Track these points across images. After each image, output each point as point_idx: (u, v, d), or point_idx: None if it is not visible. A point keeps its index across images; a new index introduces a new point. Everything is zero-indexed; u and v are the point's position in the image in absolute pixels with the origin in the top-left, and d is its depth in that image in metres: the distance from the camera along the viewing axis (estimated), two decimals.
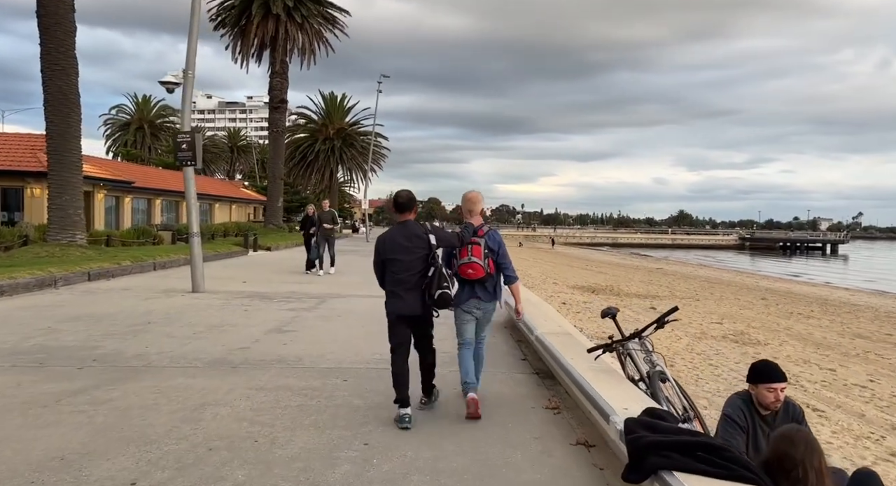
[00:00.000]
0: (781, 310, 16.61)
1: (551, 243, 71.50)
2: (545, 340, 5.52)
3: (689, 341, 11.36)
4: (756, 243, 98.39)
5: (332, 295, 11.04)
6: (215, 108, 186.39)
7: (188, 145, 10.27)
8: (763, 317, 15.09)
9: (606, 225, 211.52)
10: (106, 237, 19.27)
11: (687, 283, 24.44)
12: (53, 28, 13.55)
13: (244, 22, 29.53)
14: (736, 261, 59.96)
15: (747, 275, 33.15)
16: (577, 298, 17.31)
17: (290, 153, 45.77)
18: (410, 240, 4.26)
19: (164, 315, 8.28)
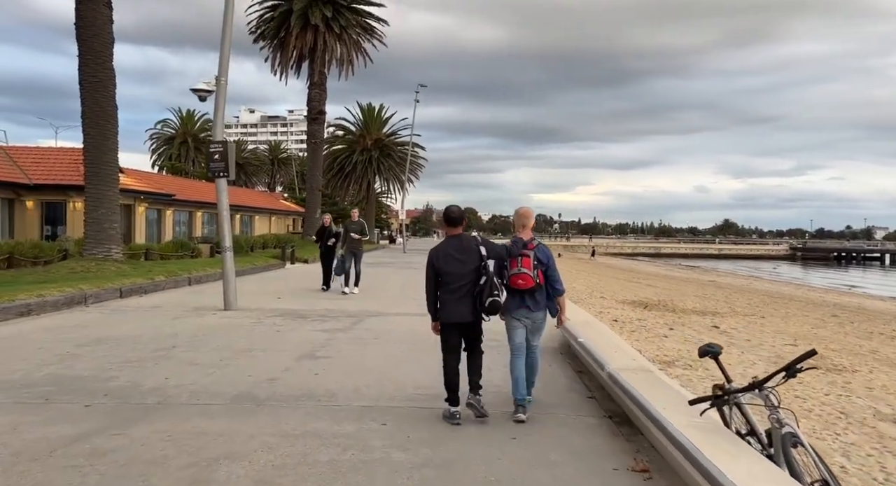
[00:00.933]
0: (859, 329, 15.15)
1: (591, 253, 69.77)
2: (622, 379, 4.63)
3: (765, 366, 10.20)
4: (808, 253, 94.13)
5: (369, 313, 10.35)
6: (258, 122, 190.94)
7: (220, 156, 9.77)
8: (841, 338, 13.72)
9: (647, 234, 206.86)
10: (145, 251, 19.15)
11: (745, 297, 22.93)
12: (91, 40, 13.41)
13: (283, 34, 29.57)
14: (790, 272, 57.19)
15: (808, 288, 31.17)
16: (629, 314, 16.20)
17: (329, 164, 45.80)
18: (463, 252, 4.61)
19: (191, 338, 7.70)
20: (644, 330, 13.59)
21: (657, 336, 12.94)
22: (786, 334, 13.86)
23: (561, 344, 7.98)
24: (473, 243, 4.68)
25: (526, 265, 4.68)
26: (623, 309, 17.16)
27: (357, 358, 6.76)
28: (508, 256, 4.75)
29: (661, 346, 11.74)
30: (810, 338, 13.60)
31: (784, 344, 12.45)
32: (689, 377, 9.42)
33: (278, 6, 29.53)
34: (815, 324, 15.85)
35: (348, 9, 30.48)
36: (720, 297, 22.52)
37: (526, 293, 4.75)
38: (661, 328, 13.95)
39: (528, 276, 4.66)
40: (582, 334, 6.72)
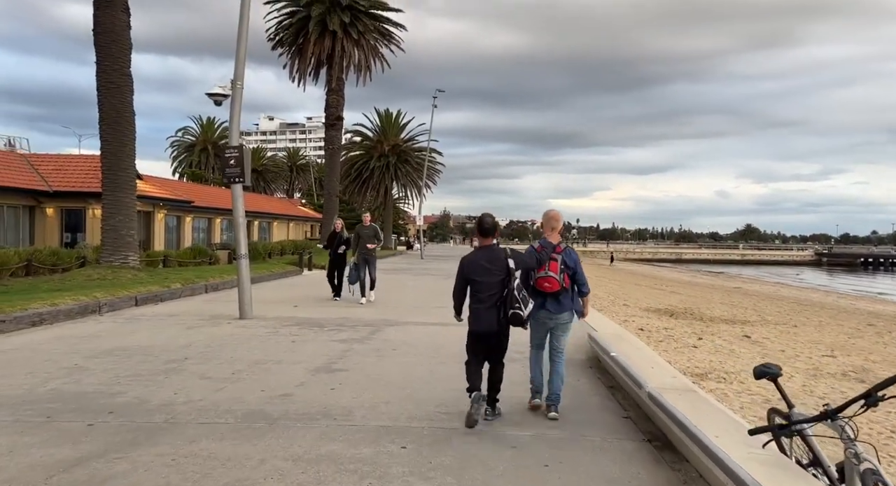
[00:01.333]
0: None
1: (610, 259, 68.85)
2: (666, 402, 4.23)
3: (804, 379, 9.67)
4: (834, 258, 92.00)
5: (387, 322, 10.04)
6: (277, 129, 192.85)
7: (236, 161, 9.55)
8: (881, 349, 13.08)
9: (667, 240, 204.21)
10: (163, 257, 19.09)
11: (774, 305, 22.21)
12: (109, 46, 13.35)
13: (301, 40, 29.56)
14: (816, 279, 55.77)
15: (837, 295, 30.22)
16: (655, 323, 15.68)
17: (346, 170, 45.76)
18: (492, 263, 4.70)
19: (204, 348, 7.44)
20: (672, 340, 13.09)
21: (686, 346, 12.45)
22: (821, 345, 13.25)
23: (589, 357, 7.58)
24: (503, 255, 4.74)
25: (553, 269, 4.83)
26: (648, 317, 16.64)
27: (375, 372, 6.44)
28: (538, 263, 4.87)
29: (692, 357, 11.26)
30: (848, 348, 12.98)
31: (821, 355, 11.87)
32: (723, 391, 8.94)
33: (296, 13, 29.54)
34: (850, 333, 15.19)
35: (366, 14, 30.41)
36: (748, 304, 21.82)
37: (549, 296, 4.91)
38: (689, 338, 13.43)
39: (555, 279, 4.82)
40: (614, 347, 6.32)
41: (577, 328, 10.31)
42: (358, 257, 12.19)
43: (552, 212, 5.19)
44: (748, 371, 10.49)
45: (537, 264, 4.86)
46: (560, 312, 4.97)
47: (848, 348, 13.01)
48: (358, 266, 12.15)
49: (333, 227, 13.13)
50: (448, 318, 11.48)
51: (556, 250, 4.92)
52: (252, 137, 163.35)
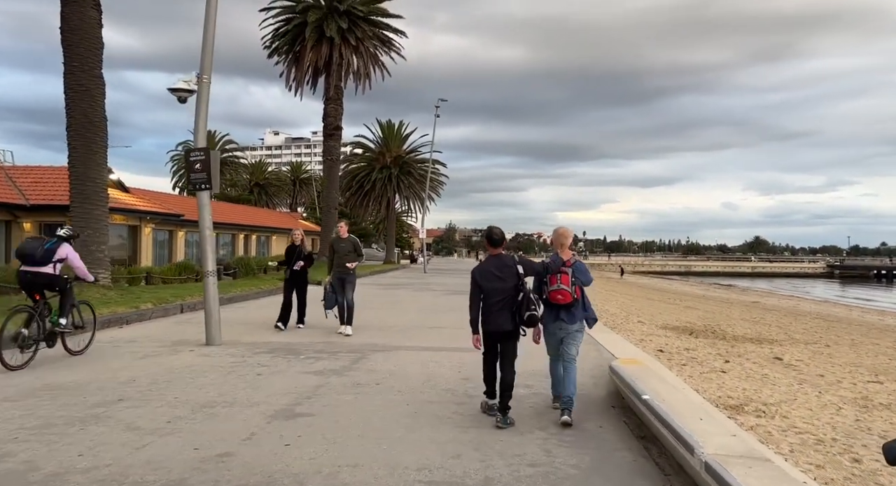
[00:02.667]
0: None
1: (620, 272, 67.37)
2: (734, 481, 2.95)
3: (854, 412, 8.34)
4: (847, 270, 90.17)
5: (375, 347, 8.83)
6: (282, 144, 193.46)
7: (202, 165, 8.42)
8: None
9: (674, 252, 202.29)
10: (146, 274, 17.95)
11: (798, 321, 20.81)
12: (77, 45, 12.33)
13: (298, 47, 28.66)
14: (833, 292, 54.19)
15: (862, 310, 28.74)
16: (674, 342, 14.33)
17: (347, 183, 44.78)
18: (502, 270, 5.07)
19: (149, 386, 6.23)
20: (696, 363, 11.75)
21: (713, 371, 11.11)
22: (862, 368, 11.90)
23: (610, 392, 6.33)
24: (511, 262, 5.12)
25: (565, 282, 5.10)
26: (667, 336, 15.30)
27: (348, 417, 5.21)
28: (546, 272, 5.22)
29: (721, 384, 9.92)
30: (892, 372, 11.63)
31: (867, 381, 10.52)
32: (766, 429, 7.62)
33: (293, 19, 28.69)
34: (890, 354, 13.82)
35: (365, 20, 29.48)
36: (771, 320, 20.44)
37: (562, 308, 5.19)
38: (714, 361, 12.10)
39: (567, 292, 5.11)
40: (642, 384, 5.07)
41: (593, 353, 9.09)
42: (333, 277, 9.90)
43: (562, 229, 5.47)
44: (789, 402, 9.17)
45: (545, 271, 5.21)
46: (572, 322, 5.25)
47: (893, 372, 11.65)
48: (334, 288, 9.90)
49: (292, 238, 10.70)
50: (445, 342, 10.20)
51: (565, 263, 5.19)
52: (258, 152, 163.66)
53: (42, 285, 7.20)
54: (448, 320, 12.38)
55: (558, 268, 5.15)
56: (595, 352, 9.18)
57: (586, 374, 7.39)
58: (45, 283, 7.21)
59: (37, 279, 7.15)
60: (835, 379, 10.54)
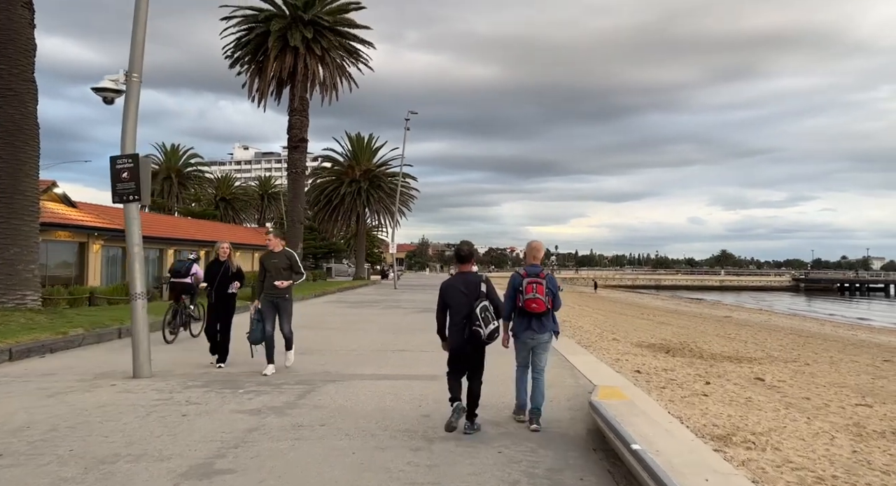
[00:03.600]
0: None
1: (594, 286, 67.26)
2: None
3: (849, 442, 7.70)
4: (812, 284, 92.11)
5: (328, 376, 7.93)
6: (252, 158, 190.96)
7: (130, 174, 7.45)
8: None
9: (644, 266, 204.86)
10: (89, 295, 16.66)
11: (773, 337, 20.47)
12: (5, 46, 11.26)
13: (261, 57, 27.71)
14: (800, 305, 54.89)
15: (834, 324, 28.74)
16: (652, 362, 13.67)
17: (315, 197, 43.69)
18: (468, 287, 5.30)
19: (45, 434, 5.22)
20: (676, 385, 11.06)
21: (694, 394, 10.42)
22: (847, 389, 11.39)
23: (590, 431, 5.54)
24: (478, 280, 5.28)
25: (540, 292, 5.33)
26: (643, 355, 14.66)
27: (277, 474, 4.31)
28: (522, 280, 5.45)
29: (705, 410, 9.22)
30: (879, 394, 11.14)
31: (855, 405, 9.96)
32: (758, 464, 6.90)
33: (254, 28, 27.74)
34: (871, 373, 13.39)
35: (331, 30, 28.69)
36: (746, 337, 20.05)
37: (534, 317, 5.40)
38: (695, 383, 11.44)
39: (542, 301, 5.33)
40: (629, 426, 4.29)
41: (569, 380, 8.32)
42: (263, 300, 7.94)
43: (535, 243, 5.76)
44: (779, 430, 8.49)
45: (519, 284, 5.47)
46: (542, 332, 5.48)
47: (878, 392, 11.16)
48: (263, 315, 7.87)
49: (217, 253, 8.64)
50: (407, 367, 9.31)
51: (540, 275, 5.45)
52: (226, 167, 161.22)
53: (186, 289, 11.22)
54: (414, 342, 11.52)
55: (533, 277, 5.43)
56: (571, 379, 8.42)
57: (563, 406, 6.61)
58: (188, 288, 11.25)
59: (184, 286, 11.22)
60: (822, 402, 9.95)
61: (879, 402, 10.18)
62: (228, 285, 8.50)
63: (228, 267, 8.58)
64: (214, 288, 8.50)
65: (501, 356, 9.95)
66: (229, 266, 8.59)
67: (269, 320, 7.92)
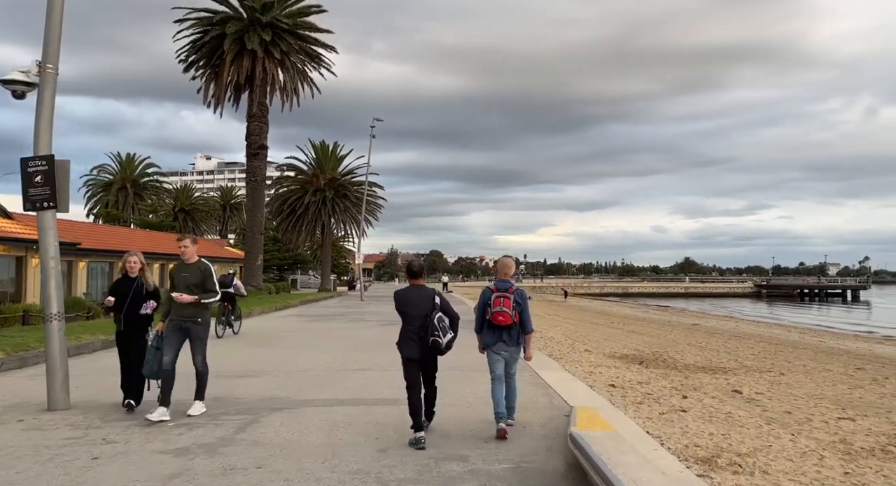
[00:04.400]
0: None
1: (564, 295, 67.20)
2: None
3: (839, 462, 7.21)
4: (773, 290, 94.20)
5: (276, 402, 7.11)
6: (214, 168, 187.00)
7: (44, 178, 6.53)
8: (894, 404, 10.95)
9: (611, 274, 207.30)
10: (22, 313, 15.35)
11: (743, 345, 20.28)
12: None
13: (217, 61, 26.59)
14: (764, 311, 55.74)
15: (800, 330, 28.92)
16: (626, 374, 13.13)
17: (278, 207, 42.44)
18: (420, 298, 5.53)
19: None
20: (652, 400, 10.50)
21: (672, 410, 9.87)
22: (826, 401, 11.01)
23: (570, 465, 4.86)
24: (431, 294, 5.58)
25: (507, 305, 5.61)
26: (616, 367, 14.12)
27: None
28: (491, 295, 5.71)
29: (685, 428, 8.65)
30: (858, 405, 10.79)
31: (837, 418, 9.53)
32: None
33: (210, 31, 26.60)
34: (847, 382, 13.12)
35: (290, 33, 27.75)
36: (717, 345, 19.79)
37: (504, 330, 5.69)
38: (672, 397, 10.90)
39: (508, 314, 5.60)
40: (618, 468, 3.61)
41: (542, 400, 7.63)
42: (167, 324, 6.38)
43: (506, 260, 6.01)
44: (764, 450, 7.93)
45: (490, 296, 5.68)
46: (512, 344, 5.72)
47: (857, 404, 10.81)
48: (161, 342, 6.34)
49: (124, 266, 6.98)
50: (367, 390, 8.50)
51: (509, 290, 5.65)
52: (188, 177, 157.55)
53: (229, 297, 14.16)
54: (377, 359, 10.74)
55: (502, 292, 5.64)
56: (545, 398, 7.75)
57: (537, 434, 5.93)
58: (230, 296, 14.33)
59: (227, 294, 13.74)
60: (803, 416, 9.50)
61: (861, 415, 9.79)
62: (141, 306, 6.72)
63: (140, 284, 6.79)
64: (123, 312, 6.67)
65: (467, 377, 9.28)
66: (140, 284, 6.79)
67: (171, 349, 6.24)
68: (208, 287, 6.45)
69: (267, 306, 24.45)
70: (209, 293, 6.46)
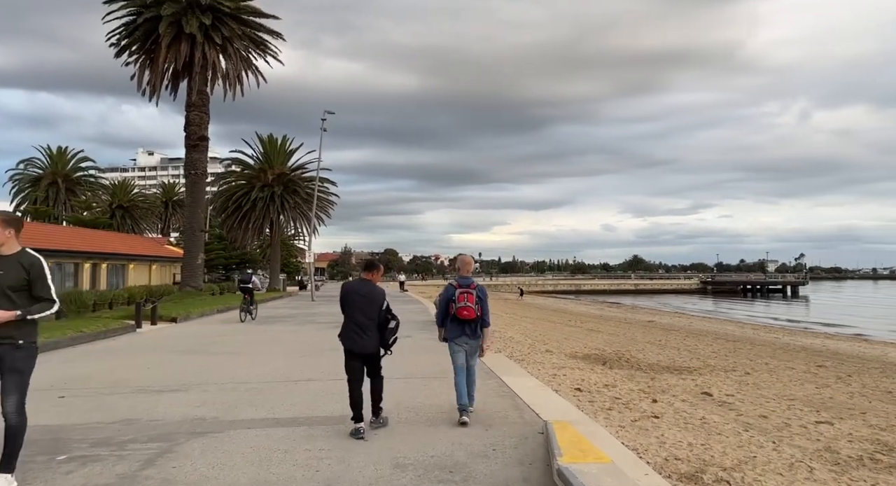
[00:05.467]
0: (869, 386, 12.30)
1: (519, 293, 67.04)
2: None
3: (830, 475, 6.65)
4: (718, 286, 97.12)
5: (200, 425, 6.01)
6: (157, 164, 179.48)
7: None
8: (865, 404, 10.71)
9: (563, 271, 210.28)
10: None
11: (702, 343, 20.08)
12: None
13: (152, 46, 24.69)
14: (712, 307, 57.02)
15: (753, 327, 29.28)
16: (590, 377, 12.48)
17: (223, 203, 40.39)
18: (367, 295, 5.66)
19: None
20: (622, 405, 9.82)
21: (643, 416, 9.20)
22: (798, 402, 10.61)
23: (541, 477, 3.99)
24: (378, 289, 5.74)
25: (470, 301, 5.98)
26: (580, 368, 13.47)
27: None
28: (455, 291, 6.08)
29: (661, 438, 7.96)
30: (830, 406, 10.43)
31: (816, 422, 9.07)
32: None
33: (143, 12, 24.62)
34: (813, 381, 12.86)
35: (233, 18, 26.06)
36: (676, 343, 19.51)
37: (467, 323, 6.04)
38: (642, 401, 10.27)
39: (472, 309, 5.98)
40: None
41: (512, 414, 6.79)
42: None
43: (465, 257, 6.57)
44: (749, 462, 7.20)
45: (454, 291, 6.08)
46: (475, 337, 6.15)
47: (830, 405, 10.46)
48: None
49: None
50: (311, 406, 7.46)
51: (471, 286, 6.08)
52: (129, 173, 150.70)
53: (248, 291, 19.21)
54: (324, 367, 9.68)
55: (465, 288, 6.00)
56: (514, 411, 6.88)
57: (509, 457, 5.06)
58: (249, 290, 19.22)
59: (248, 288, 19.27)
60: (780, 421, 8.99)
61: (837, 417, 9.37)
62: None
63: None
64: None
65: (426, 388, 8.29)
66: None
67: None
68: (36, 292, 4.09)
69: (207, 307, 22.82)
70: (43, 304, 4.13)
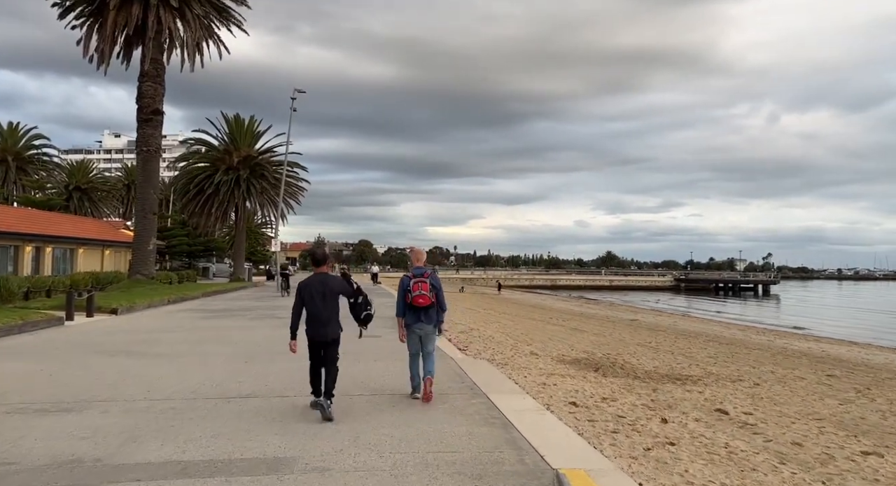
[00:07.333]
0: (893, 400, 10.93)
1: (497, 287, 65.56)
2: None
3: None
4: (691, 283, 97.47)
5: (75, 469, 4.24)
6: (124, 147, 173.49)
7: None
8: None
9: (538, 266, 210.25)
10: None
11: (694, 345, 18.76)
12: None
13: (101, 6, 22.30)
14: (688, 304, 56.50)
15: (740, 327, 28.26)
16: (584, 387, 10.87)
17: (184, 185, 37.90)
18: (324, 286, 6.10)
19: None
20: (628, 427, 8.20)
21: (657, 443, 7.58)
22: (827, 423, 9.20)
23: None
24: (334, 281, 6.24)
25: (424, 289, 6.49)
26: (571, 376, 11.88)
27: None
28: (409, 282, 6.60)
29: (685, 474, 6.36)
30: (865, 428, 9.03)
31: (862, 453, 7.60)
32: None
33: None
34: (831, 395, 11.52)
35: None
36: (668, 346, 18.13)
37: (422, 310, 6.53)
38: (649, 420, 8.67)
39: (427, 296, 6.48)
40: None
41: (509, 454, 5.15)
42: None
43: (416, 249, 7.17)
44: None
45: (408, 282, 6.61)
46: (429, 323, 6.61)
47: (864, 427, 9.08)
48: None
49: None
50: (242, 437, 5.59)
51: (424, 275, 6.58)
52: (94, 155, 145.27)
53: (284, 276, 30.44)
54: (272, 376, 7.94)
55: (419, 278, 6.53)
56: (512, 451, 5.21)
57: None
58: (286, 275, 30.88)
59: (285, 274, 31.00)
60: (820, 451, 7.49)
61: (882, 446, 7.93)
62: None
63: None
64: None
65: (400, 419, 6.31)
66: None
67: None
68: None
69: (157, 298, 20.70)
70: None
